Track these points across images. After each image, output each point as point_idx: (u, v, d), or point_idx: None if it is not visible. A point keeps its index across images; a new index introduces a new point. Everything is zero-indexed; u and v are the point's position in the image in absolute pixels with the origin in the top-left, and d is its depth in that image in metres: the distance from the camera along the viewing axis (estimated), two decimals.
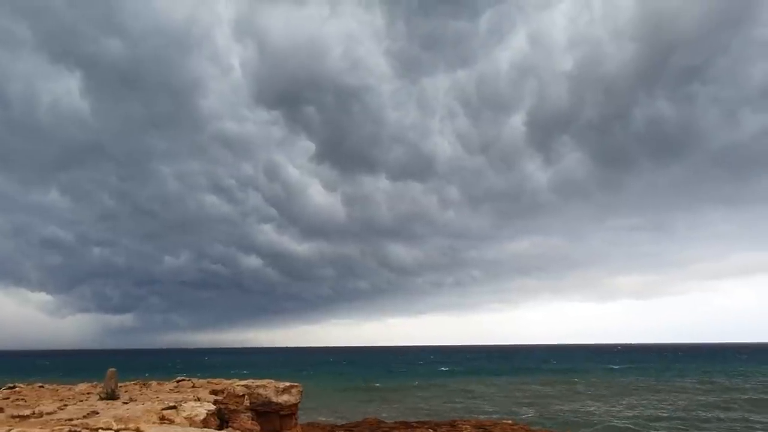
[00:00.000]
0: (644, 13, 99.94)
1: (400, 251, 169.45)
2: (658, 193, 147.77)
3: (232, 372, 31.39)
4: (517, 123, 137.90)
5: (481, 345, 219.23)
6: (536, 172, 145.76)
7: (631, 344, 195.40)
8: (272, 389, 9.76)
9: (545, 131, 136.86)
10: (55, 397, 7.95)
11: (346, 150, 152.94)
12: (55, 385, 9.68)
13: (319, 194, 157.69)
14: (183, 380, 10.81)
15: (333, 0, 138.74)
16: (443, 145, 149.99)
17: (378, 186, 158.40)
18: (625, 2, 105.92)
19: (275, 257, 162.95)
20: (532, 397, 22.70)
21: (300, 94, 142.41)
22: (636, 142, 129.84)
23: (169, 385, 10.22)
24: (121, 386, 8.97)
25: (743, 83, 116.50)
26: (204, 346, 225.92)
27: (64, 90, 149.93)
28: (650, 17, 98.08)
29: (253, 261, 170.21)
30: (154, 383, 10.35)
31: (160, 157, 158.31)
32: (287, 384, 10.06)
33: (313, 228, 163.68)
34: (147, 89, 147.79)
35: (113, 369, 8.02)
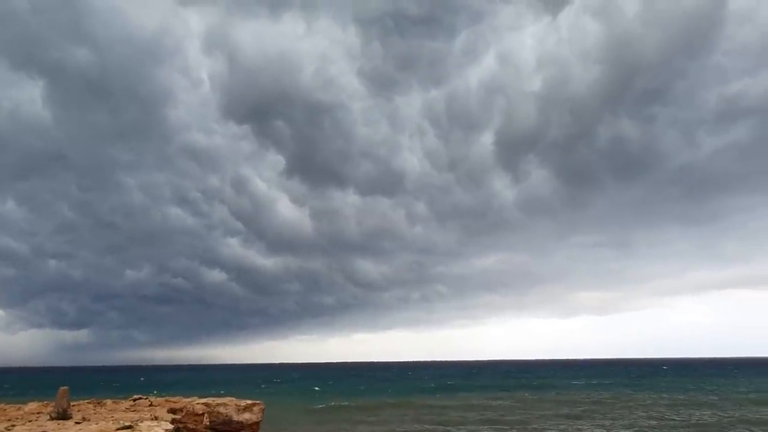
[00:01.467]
0: (609, 37, 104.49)
1: (367, 266, 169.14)
2: (621, 211, 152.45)
3: (192, 390, 30.58)
4: (485, 141, 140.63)
5: (448, 361, 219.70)
6: (503, 190, 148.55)
7: (591, 359, 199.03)
8: (233, 407, 9.56)
9: (513, 149, 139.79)
10: (3, 417, 7.60)
11: (315, 165, 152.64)
12: (2, 405, 9.25)
13: (287, 208, 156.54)
14: (140, 398, 10.49)
15: (309, 17, 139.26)
16: (412, 161, 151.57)
17: (347, 201, 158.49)
18: (591, 26, 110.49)
19: (240, 271, 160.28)
20: (518, 414, 22.85)
21: (270, 108, 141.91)
22: (600, 161, 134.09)
23: (125, 403, 9.90)
24: (73, 405, 8.63)
25: (700, 106, 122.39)
26: (164, 363, 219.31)
27: (26, 98, 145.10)
28: (615, 41, 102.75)
29: (216, 275, 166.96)
30: (109, 402, 10.00)
31: (125, 168, 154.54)
32: (249, 402, 9.88)
33: (280, 242, 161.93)
34: (114, 99, 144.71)
35: (65, 387, 7.72)
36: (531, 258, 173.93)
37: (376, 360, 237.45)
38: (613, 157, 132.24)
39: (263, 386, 45.48)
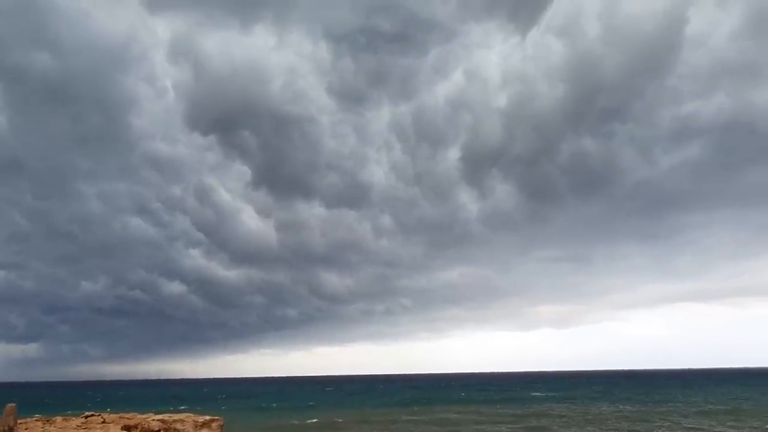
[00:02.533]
0: (572, 57, 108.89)
1: (331, 279, 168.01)
2: (580, 225, 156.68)
3: (148, 406, 29.59)
4: (451, 156, 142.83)
5: (411, 374, 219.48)
6: (468, 204, 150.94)
7: (551, 372, 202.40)
8: (190, 424, 9.36)
9: (478, 164, 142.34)
10: None
11: (282, 176, 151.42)
12: None
13: (252, 219, 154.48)
14: (92, 416, 10.14)
15: (280, 31, 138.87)
16: (379, 174, 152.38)
17: (313, 213, 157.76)
18: (555, 46, 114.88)
19: (201, 283, 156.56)
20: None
21: (237, 119, 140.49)
22: (562, 176, 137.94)
23: (76, 421, 9.55)
24: (20, 423, 8.28)
25: (656, 124, 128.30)
26: (119, 378, 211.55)
27: None
28: (578, 61, 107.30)
29: (176, 287, 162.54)
30: (59, 419, 9.63)
31: (84, 177, 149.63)
32: (207, 418, 9.68)
33: (243, 254, 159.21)
34: (76, 105, 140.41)
35: (12, 404, 7.42)
36: (494, 272, 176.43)
37: (338, 374, 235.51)
38: (574, 173, 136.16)
39: (223, 400, 44.45)
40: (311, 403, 40.47)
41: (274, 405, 40.45)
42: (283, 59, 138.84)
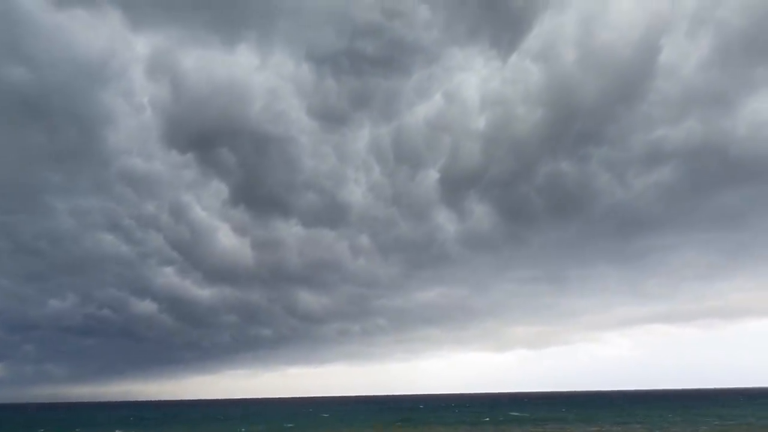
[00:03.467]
0: (550, 82, 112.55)
1: (308, 298, 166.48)
2: (556, 246, 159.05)
3: (115, 429, 28.78)
4: (430, 177, 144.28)
5: (386, 395, 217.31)
6: (446, 224, 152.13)
7: (525, 393, 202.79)
8: None
9: (456, 186, 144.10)
10: None
11: (260, 194, 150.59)
12: None
13: (228, 238, 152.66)
14: None
15: (264, 52, 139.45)
16: (357, 194, 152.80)
17: (290, 231, 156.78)
18: (534, 69, 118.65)
19: (173, 302, 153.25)
20: None
21: (215, 137, 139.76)
22: (539, 198, 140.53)
23: None
24: None
25: (629, 148, 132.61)
26: (85, 400, 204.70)
27: None
28: (556, 86, 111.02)
29: (147, 306, 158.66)
30: None
31: (55, 192, 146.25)
32: None
33: (218, 272, 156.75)
34: (51, 119, 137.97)
35: None
36: (471, 292, 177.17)
37: (312, 395, 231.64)
38: (550, 195, 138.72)
39: (192, 426, 43.31)
40: (290, 425, 39.73)
41: (243, 430, 39.53)
42: (265, 80, 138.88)
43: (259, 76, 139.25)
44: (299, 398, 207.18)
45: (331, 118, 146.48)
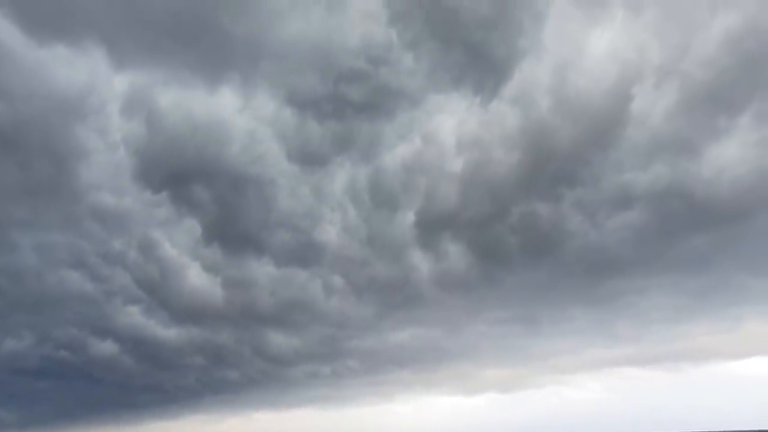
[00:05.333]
0: (527, 126, 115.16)
1: (278, 339, 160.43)
2: (529, 287, 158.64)
3: None
4: (405, 218, 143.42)
5: None
6: (420, 264, 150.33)
7: None
8: None
9: (432, 227, 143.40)
10: None
11: (233, 233, 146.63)
12: None
13: (198, 276, 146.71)
14: None
15: (247, 94, 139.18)
16: (331, 233, 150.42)
17: (262, 271, 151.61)
18: (511, 113, 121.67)
19: (136, 343, 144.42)
20: None
21: (190, 177, 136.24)
22: (513, 239, 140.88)
23: None
24: None
25: (600, 191, 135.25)
26: None
27: None
28: (532, 130, 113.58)
29: (108, 347, 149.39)
30: None
31: (20, 226, 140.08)
32: None
33: (185, 312, 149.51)
34: (24, 153, 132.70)
35: None
36: (443, 333, 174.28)
37: None
38: (523, 236, 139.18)
39: None
40: None
41: None
42: (246, 122, 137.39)
43: (240, 118, 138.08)
44: None
45: (312, 161, 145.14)
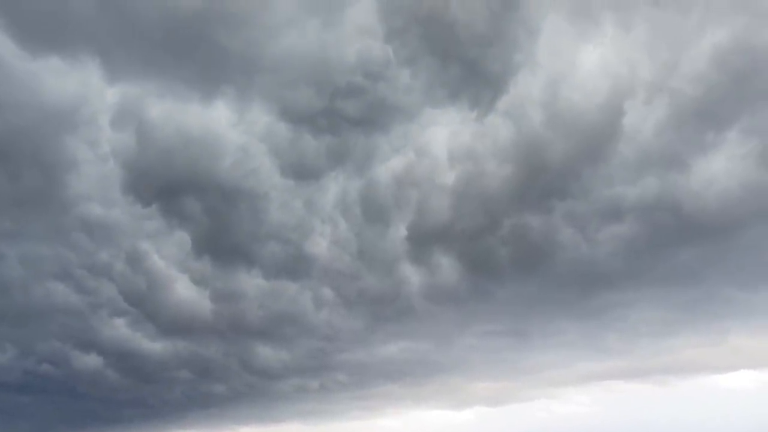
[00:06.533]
0: (520, 140, 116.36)
1: (266, 352, 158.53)
2: (519, 300, 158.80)
3: None
4: (397, 231, 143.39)
5: None
6: (411, 277, 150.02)
7: None
8: None
9: (424, 239, 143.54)
10: None
11: (223, 246, 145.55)
12: None
13: (186, 289, 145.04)
14: None
15: (242, 108, 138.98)
16: (322, 245, 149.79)
17: (252, 283, 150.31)
18: (504, 125, 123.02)
19: (121, 356, 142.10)
20: None
21: (180, 189, 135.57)
22: (504, 251, 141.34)
23: None
24: None
25: (591, 203, 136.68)
26: None
27: None
28: (525, 145, 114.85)
29: (91, 360, 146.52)
30: None
31: (6, 237, 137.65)
32: None
33: (172, 325, 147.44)
34: (14, 164, 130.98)
35: None
36: (433, 346, 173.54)
37: None
38: (514, 248, 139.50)
39: None
40: None
41: None
42: (239, 136, 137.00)
43: (233, 132, 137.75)
44: None
45: (305, 175, 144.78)
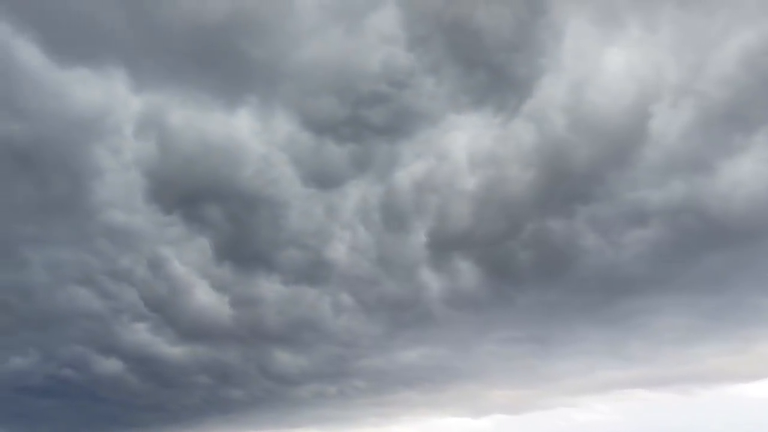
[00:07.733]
0: (543, 144, 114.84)
1: (284, 358, 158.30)
2: (540, 306, 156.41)
3: None
4: (417, 236, 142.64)
5: None
6: (431, 283, 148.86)
7: None
8: None
9: (444, 245, 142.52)
10: None
11: (243, 252, 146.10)
12: None
13: (206, 294, 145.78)
14: None
15: (265, 116, 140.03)
16: (341, 251, 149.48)
17: (271, 289, 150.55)
18: (528, 130, 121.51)
19: (141, 361, 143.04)
20: None
21: (202, 196, 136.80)
22: (525, 256, 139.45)
23: None
24: None
25: (615, 207, 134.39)
26: None
27: None
28: (549, 149, 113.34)
29: (112, 365, 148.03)
30: None
31: (32, 243, 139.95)
32: None
33: (192, 330, 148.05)
34: (41, 171, 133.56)
35: None
36: (452, 353, 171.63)
37: None
38: (536, 253, 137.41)
39: None
40: None
41: None
42: (261, 145, 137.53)
43: (256, 140, 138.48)
44: None
45: (327, 183, 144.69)
